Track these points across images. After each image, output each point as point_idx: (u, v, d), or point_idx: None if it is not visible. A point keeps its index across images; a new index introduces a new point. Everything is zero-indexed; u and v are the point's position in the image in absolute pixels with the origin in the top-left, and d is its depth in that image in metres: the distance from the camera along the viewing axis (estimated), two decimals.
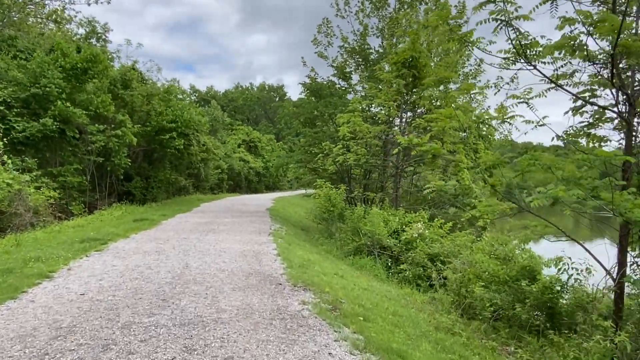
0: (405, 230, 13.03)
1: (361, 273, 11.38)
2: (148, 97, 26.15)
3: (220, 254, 10.03)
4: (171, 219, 17.48)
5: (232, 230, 14.67)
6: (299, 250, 12.09)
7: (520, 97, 6.56)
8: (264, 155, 55.88)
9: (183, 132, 26.22)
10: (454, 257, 11.71)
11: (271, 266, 8.94)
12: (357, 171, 20.82)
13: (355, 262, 12.39)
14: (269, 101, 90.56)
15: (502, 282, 9.38)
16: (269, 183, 56.75)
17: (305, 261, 10.31)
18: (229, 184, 45.16)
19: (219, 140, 47.75)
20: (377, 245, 12.57)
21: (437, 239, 12.11)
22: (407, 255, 11.83)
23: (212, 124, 50.55)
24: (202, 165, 35.18)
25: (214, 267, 8.61)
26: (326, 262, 11.41)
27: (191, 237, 12.68)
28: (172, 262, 8.98)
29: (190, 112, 27.26)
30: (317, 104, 19.52)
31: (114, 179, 23.80)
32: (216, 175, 40.88)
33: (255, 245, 11.58)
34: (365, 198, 17.49)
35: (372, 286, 9.88)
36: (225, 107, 74.04)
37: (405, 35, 17.91)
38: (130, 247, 10.59)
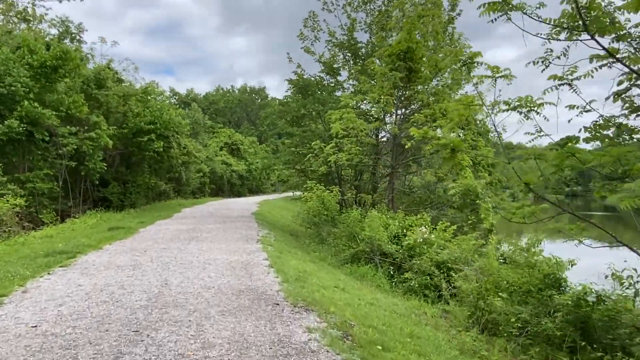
0: (406, 235, 11.98)
1: (362, 284, 10.28)
2: (124, 98, 24.71)
3: (204, 267, 8.83)
4: (150, 226, 16.17)
5: (217, 237, 13.45)
6: (291, 259, 10.94)
7: (563, 78, 5.55)
8: (247, 158, 54.51)
9: (162, 134, 24.84)
10: (462, 263, 10.70)
11: (264, 281, 7.77)
12: (348, 172, 19.75)
13: (354, 271, 11.28)
14: (250, 103, 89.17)
15: (525, 292, 8.36)
16: (252, 186, 55.38)
17: (301, 272, 9.17)
18: (212, 188, 43.72)
19: (200, 143, 46.29)
20: (377, 252, 11.49)
21: (444, 244, 11.07)
22: (412, 262, 10.77)
23: (193, 126, 49.08)
24: (183, 168, 33.77)
25: (198, 284, 7.41)
26: (323, 273, 10.28)
27: (172, 246, 11.44)
28: (149, 278, 7.75)
29: (169, 113, 25.90)
30: (304, 102, 18.39)
31: (89, 185, 22.31)
32: (198, 179, 39.44)
33: (243, 255, 10.39)
34: (358, 200, 16.41)
35: (377, 300, 8.78)
36: (206, 110, 72.45)
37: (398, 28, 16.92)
38: (101, 261, 9.32)
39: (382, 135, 17.54)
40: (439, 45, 16.68)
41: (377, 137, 17.20)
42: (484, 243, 12.80)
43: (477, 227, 15.16)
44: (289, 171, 21.35)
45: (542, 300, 8.19)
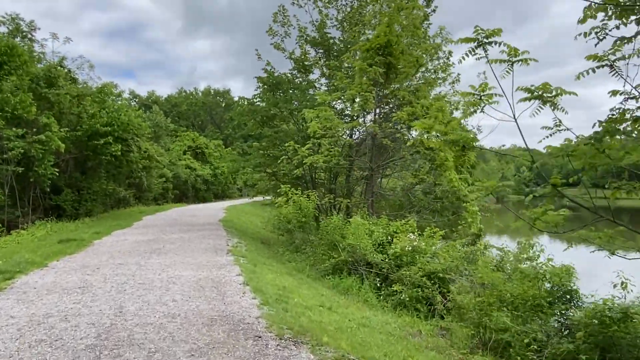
0: (392, 243, 10.99)
1: (348, 299, 9.21)
2: (78, 98, 22.93)
3: (168, 288, 7.56)
4: (106, 237, 14.64)
5: (182, 249, 12.13)
6: (267, 272, 9.77)
7: (603, 58, 4.65)
8: (212, 162, 52.72)
9: (120, 136, 23.16)
10: (454, 273, 9.78)
11: (240, 304, 6.58)
12: (323, 175, 18.68)
13: (337, 284, 10.20)
14: (215, 106, 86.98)
15: (533, 307, 7.47)
16: (218, 191, 53.61)
17: (281, 290, 8.03)
18: (175, 194, 41.86)
19: (162, 147, 44.32)
20: (362, 262, 10.45)
21: (435, 252, 10.12)
22: (400, 273, 9.76)
23: (154, 129, 47.09)
24: (144, 173, 31.91)
25: (161, 311, 6.15)
26: (304, 288, 9.15)
27: (130, 262, 10.07)
28: (100, 305, 6.44)
29: (128, 114, 24.23)
30: (276, 100, 17.22)
31: (39, 192, 20.48)
32: (160, 185, 37.61)
33: (213, 270, 9.15)
34: (335, 205, 15.35)
35: (368, 319, 7.73)
36: (169, 113, 70.03)
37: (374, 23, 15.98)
38: (44, 283, 7.91)
39: (357, 136, 16.55)
40: (417, 41, 15.83)
41: (351, 138, 16.20)
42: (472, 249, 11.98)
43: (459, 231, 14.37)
44: (259, 175, 20.09)
45: (553, 316, 7.34)
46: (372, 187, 14.16)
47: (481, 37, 5.10)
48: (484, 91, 5.58)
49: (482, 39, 5.11)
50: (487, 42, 5.11)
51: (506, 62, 5.40)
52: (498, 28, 5.03)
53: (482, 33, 5.09)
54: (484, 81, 5.74)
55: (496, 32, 5.06)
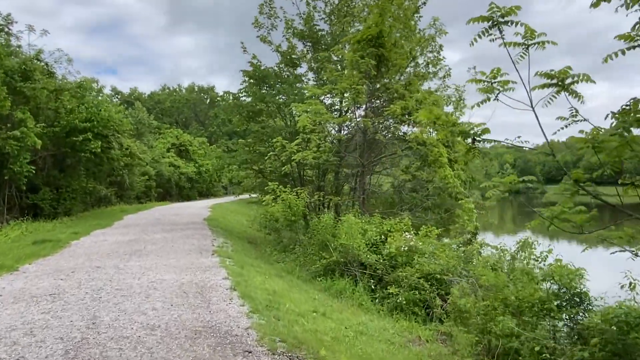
0: (385, 242, 10.48)
1: (341, 303, 8.68)
2: (56, 92, 22.00)
3: (148, 294, 6.94)
4: (85, 237, 13.91)
5: (165, 250, 11.49)
6: (256, 275, 9.20)
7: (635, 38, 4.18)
8: (197, 160, 51.80)
9: (100, 133, 22.32)
10: (452, 274, 9.30)
11: (227, 312, 6.01)
12: (310, 172, 18.12)
13: (329, 286, 9.66)
14: (199, 103, 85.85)
15: (541, 310, 7.01)
16: (202, 189, 52.71)
17: (271, 295, 7.47)
18: (158, 192, 40.92)
19: (145, 145, 43.33)
20: (354, 263, 9.92)
21: (432, 252, 9.63)
22: (395, 274, 9.25)
23: (137, 126, 46.09)
24: (125, 171, 31.05)
25: (139, 321, 5.55)
26: (295, 292, 8.60)
27: (108, 264, 9.42)
28: (71, 315, 5.81)
29: (108, 110, 23.40)
30: (263, 94, 16.58)
31: (15, 191, 19.59)
32: (143, 183, 36.67)
33: (198, 273, 8.55)
34: (324, 203, 14.80)
35: (365, 325, 7.21)
36: (152, 110, 68.78)
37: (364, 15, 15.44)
38: (12, 289, 7.24)
39: (346, 132, 15.98)
40: (408, 33, 15.31)
41: (341, 133, 15.65)
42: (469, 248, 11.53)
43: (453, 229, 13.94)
44: (245, 172, 19.45)
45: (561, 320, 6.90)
46: (364, 184, 13.65)
47: (496, 15, 4.59)
48: (495, 77, 5.08)
49: (497, 18, 4.59)
50: (503, 22, 4.60)
51: (521, 45, 4.91)
52: (516, 5, 4.53)
53: (497, 11, 4.58)
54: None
55: (513, 10, 4.55)
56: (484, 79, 5.15)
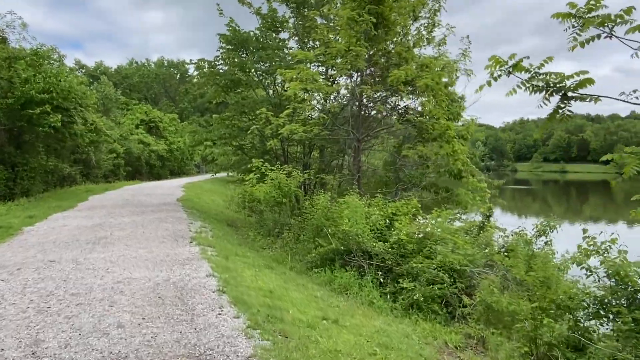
0: (390, 228, 9.12)
1: (348, 301, 7.31)
2: (9, 60, 19.73)
3: (113, 301, 5.42)
4: (41, 222, 12.14)
5: (134, 237, 9.90)
6: (244, 268, 7.75)
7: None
8: (167, 137, 49.43)
9: (60, 105, 20.16)
10: (472, 264, 8.04)
11: (218, 329, 4.54)
12: (295, 148, 16.60)
13: (329, 280, 8.27)
14: (169, 78, 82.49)
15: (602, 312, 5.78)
16: (174, 168, 50.48)
17: (267, 296, 6.05)
18: (127, 171, 38.66)
19: (112, 121, 40.84)
20: (358, 252, 8.54)
21: (451, 239, 8.30)
22: (408, 265, 7.91)
23: (103, 102, 43.58)
24: (91, 148, 28.83)
25: (98, 348, 4.04)
26: (293, 288, 7.19)
27: (65, 257, 7.80)
28: (4, 339, 4.26)
29: (69, 81, 21.20)
30: (244, 61, 14.84)
31: None
32: (110, 161, 34.44)
33: (175, 269, 7.04)
34: (315, 183, 13.32)
35: (385, 332, 5.87)
36: (119, 85, 65.49)
37: None
38: None
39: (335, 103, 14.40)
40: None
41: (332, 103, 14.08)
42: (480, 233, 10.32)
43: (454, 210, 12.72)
44: (223, 148, 17.78)
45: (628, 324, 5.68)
46: (359, 161, 12.23)
47: None
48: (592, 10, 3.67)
49: None
50: None
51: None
52: None
53: None
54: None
55: None
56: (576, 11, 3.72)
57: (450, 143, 11.16)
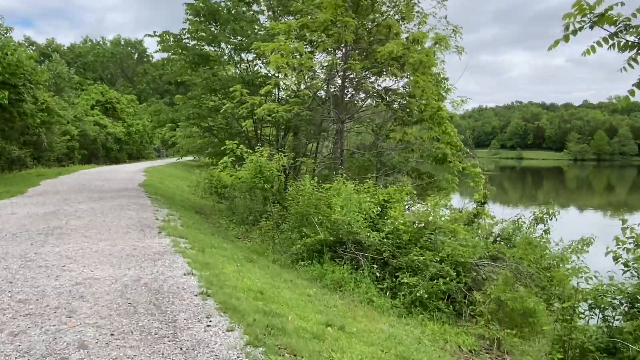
0: (385, 216, 8.33)
1: (344, 299, 6.48)
2: None
3: (71, 310, 4.38)
4: None
5: (94, 227, 8.75)
6: (224, 263, 6.80)
7: None
8: (125, 119, 47.10)
9: (7, 81, 18.47)
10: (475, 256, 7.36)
11: (210, 347, 3.60)
12: (269, 131, 15.57)
13: (320, 275, 7.42)
14: (126, 58, 78.89)
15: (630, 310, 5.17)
16: (132, 151, 48.27)
17: (259, 298, 5.17)
18: (82, 154, 36.50)
19: (65, 101, 38.43)
20: (351, 243, 7.71)
21: (453, 229, 7.58)
22: (408, 258, 7.15)
23: (55, 81, 41.03)
24: (42, 130, 26.92)
25: None
26: (282, 286, 6.31)
27: (11, 252, 6.63)
28: None
29: (16, 55, 19.38)
30: (214, 34, 13.60)
31: None
32: (64, 143, 32.32)
33: (146, 266, 6.02)
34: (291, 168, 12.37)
35: (396, 339, 5.09)
36: (72, 64, 61.96)
37: None
38: None
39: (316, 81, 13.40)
40: None
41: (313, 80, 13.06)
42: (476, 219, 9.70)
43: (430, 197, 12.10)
44: (190, 130, 16.55)
45: None
46: (342, 143, 11.35)
47: None
48: None
49: None
50: None
51: None
52: None
53: None
54: None
55: None
56: None
57: (442, 125, 10.46)
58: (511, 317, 6.28)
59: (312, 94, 11.20)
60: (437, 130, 10.57)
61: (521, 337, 5.90)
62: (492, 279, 6.93)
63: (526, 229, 9.09)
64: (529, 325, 6.28)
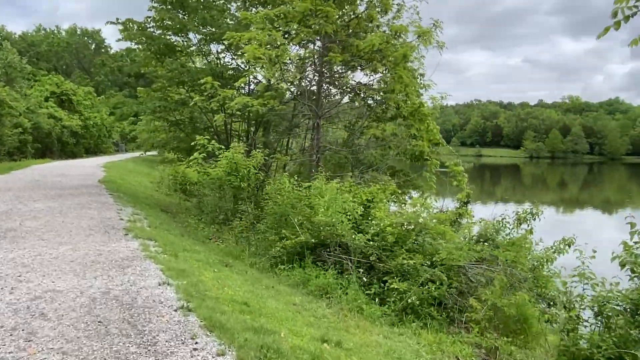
0: (369, 217, 7.93)
1: (332, 307, 6.05)
2: None
3: (32, 331, 3.75)
4: None
5: (52, 229, 8.00)
6: (200, 269, 6.26)
7: None
8: (82, 112, 45.05)
9: None
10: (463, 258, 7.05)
11: None
12: (238, 126, 14.95)
13: (303, 280, 6.95)
14: (82, 48, 75.87)
15: None
16: (89, 145, 46.22)
17: (246, 311, 4.67)
18: (36, 148, 34.65)
19: (17, 92, 36.38)
20: (335, 246, 7.28)
21: (441, 230, 7.25)
22: (396, 262, 6.77)
23: (5, 70, 38.90)
24: None
25: None
26: (267, 296, 5.82)
27: None
28: None
29: None
30: (183, 22, 12.83)
31: None
32: (16, 137, 30.55)
33: (114, 274, 5.40)
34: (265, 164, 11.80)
35: (395, 353, 4.71)
36: (24, 53, 58.94)
37: None
38: None
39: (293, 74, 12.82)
40: None
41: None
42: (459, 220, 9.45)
43: None
44: (154, 124, 15.72)
45: None
46: (319, 139, 10.84)
47: None
48: None
49: None
50: None
51: None
52: None
53: None
54: None
55: None
56: None
57: (425, 122, 10.16)
58: (506, 323, 6.01)
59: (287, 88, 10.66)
60: (419, 127, 10.27)
61: (519, 345, 5.62)
62: (481, 282, 6.65)
63: (509, 229, 8.89)
64: (524, 332, 6.03)
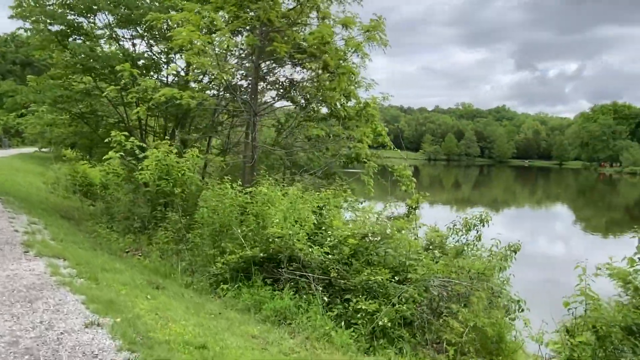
0: (323, 227, 7.07)
1: (297, 338, 5.12)
2: None
3: None
4: None
5: None
6: (132, 297, 5.05)
7: None
8: None
9: None
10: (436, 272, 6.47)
11: None
12: (154, 121, 13.39)
13: (256, 303, 5.93)
14: None
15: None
16: None
17: (209, 358, 3.63)
18: None
19: None
20: (285, 260, 6.32)
21: (401, 239, 6.57)
22: (359, 278, 5.98)
23: None
24: None
25: None
26: (222, 329, 4.77)
27: None
28: None
29: None
30: (92, 1, 10.99)
31: None
32: None
33: (20, 310, 4.08)
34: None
35: None
36: None
37: None
38: None
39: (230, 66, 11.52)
40: None
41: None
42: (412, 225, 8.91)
43: None
44: (50, 117, 13.64)
45: None
46: (255, 139, 9.71)
47: None
48: None
49: None
50: None
51: None
52: None
53: None
54: None
55: None
56: None
57: (372, 122, 9.52)
58: (484, 344, 5.50)
59: (228, 80, 9.47)
60: (365, 129, 9.63)
61: None
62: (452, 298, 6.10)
63: (459, 236, 8.51)
64: (501, 352, 5.57)
